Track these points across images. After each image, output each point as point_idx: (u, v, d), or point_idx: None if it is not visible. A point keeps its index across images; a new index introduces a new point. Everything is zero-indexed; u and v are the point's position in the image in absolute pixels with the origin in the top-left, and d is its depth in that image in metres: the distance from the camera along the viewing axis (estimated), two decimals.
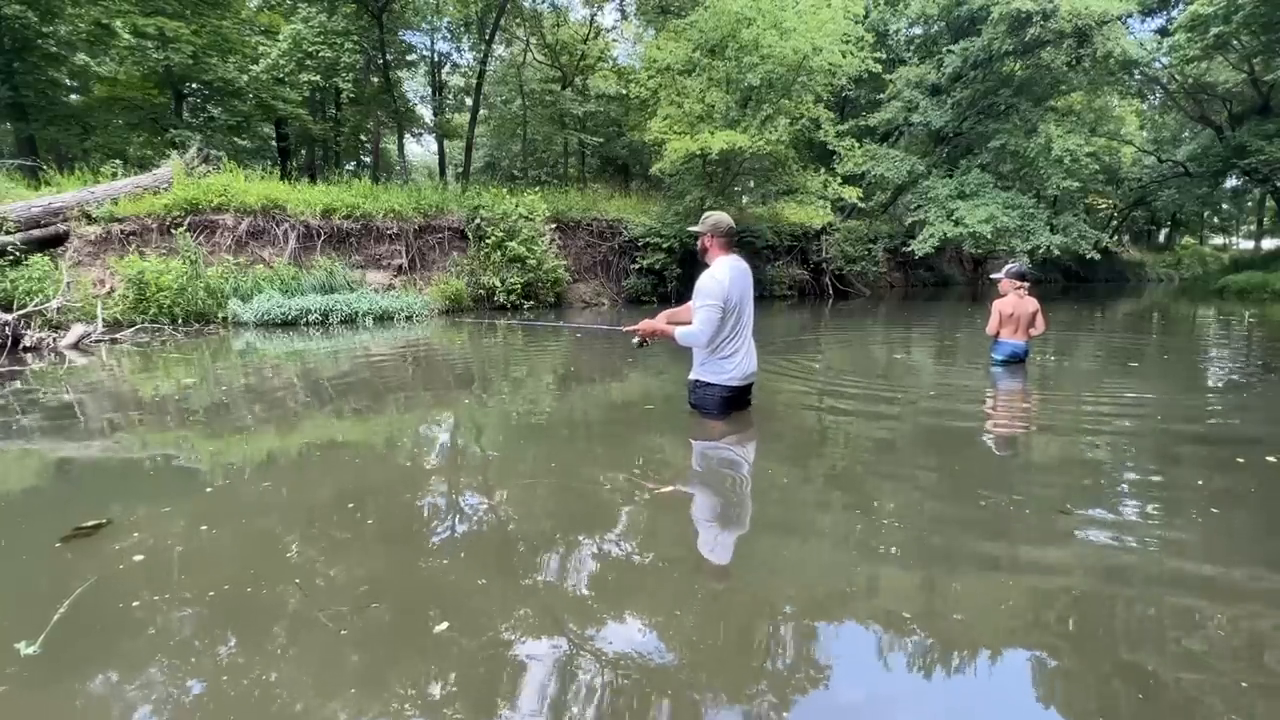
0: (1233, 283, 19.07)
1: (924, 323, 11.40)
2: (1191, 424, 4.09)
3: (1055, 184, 16.00)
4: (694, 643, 1.77)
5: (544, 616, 1.89)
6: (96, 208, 9.81)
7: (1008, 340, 5.66)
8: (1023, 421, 4.30)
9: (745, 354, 3.71)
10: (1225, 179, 23.39)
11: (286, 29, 14.88)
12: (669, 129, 13.62)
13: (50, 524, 2.53)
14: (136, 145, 16.38)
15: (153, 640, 1.78)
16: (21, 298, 7.97)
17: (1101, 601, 1.95)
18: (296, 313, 9.61)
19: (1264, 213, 38.84)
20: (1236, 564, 2.20)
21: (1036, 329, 5.64)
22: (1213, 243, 44.82)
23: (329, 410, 4.60)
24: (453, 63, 22.06)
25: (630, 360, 6.23)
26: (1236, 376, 6.03)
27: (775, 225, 16.60)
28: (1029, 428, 4.13)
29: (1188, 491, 2.87)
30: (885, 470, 3.23)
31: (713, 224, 3.65)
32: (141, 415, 4.44)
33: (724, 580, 2.15)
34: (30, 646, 1.73)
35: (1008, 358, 5.69)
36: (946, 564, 2.22)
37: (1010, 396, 4.99)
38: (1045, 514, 2.62)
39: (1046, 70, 16.38)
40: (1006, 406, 4.73)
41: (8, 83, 14.43)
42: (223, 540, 2.41)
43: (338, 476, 3.12)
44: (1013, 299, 5.58)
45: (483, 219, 12.41)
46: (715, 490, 2.98)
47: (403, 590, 2.06)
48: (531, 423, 4.25)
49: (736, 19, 12.68)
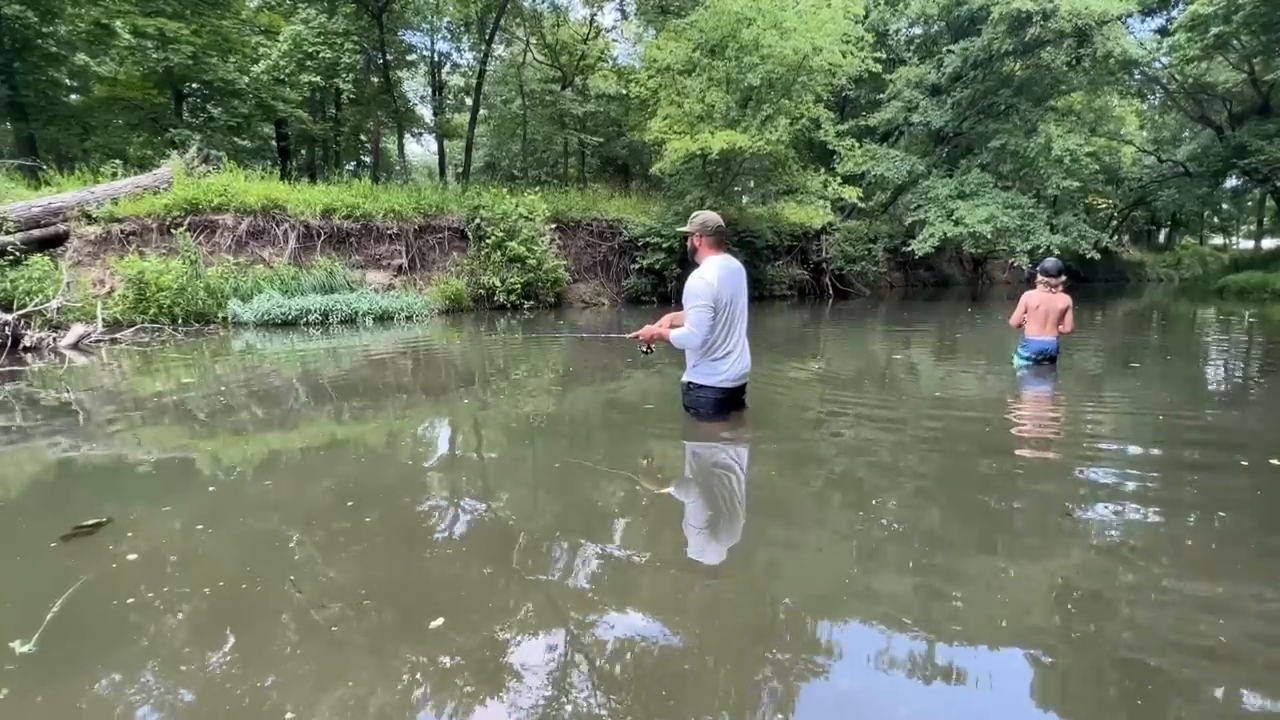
0: (1233, 283, 19.06)
1: (924, 322, 11.40)
2: (1193, 425, 4.09)
3: (1055, 184, 16.00)
4: (692, 643, 1.77)
5: (542, 615, 1.89)
6: (96, 208, 9.81)
7: (1035, 337, 5.42)
8: (1024, 422, 4.30)
9: (738, 355, 3.68)
10: (1225, 179, 23.35)
11: (286, 29, 14.88)
12: (669, 129, 13.62)
13: (50, 523, 2.53)
14: (136, 145, 16.39)
15: (148, 638, 1.78)
16: (21, 298, 7.97)
17: (1102, 604, 1.95)
18: (296, 313, 9.61)
19: (1264, 213, 38.82)
20: (1239, 567, 2.20)
21: (1065, 327, 5.37)
22: (1213, 243, 44.76)
23: (329, 410, 4.60)
24: (453, 63, 22.08)
25: (629, 360, 6.23)
26: (1237, 377, 6.02)
27: (775, 225, 16.60)
28: (1030, 428, 4.13)
29: (1190, 494, 2.87)
30: (883, 470, 3.23)
31: (701, 223, 3.63)
32: (141, 415, 4.44)
33: (723, 581, 2.15)
34: (25, 645, 1.73)
35: (1036, 355, 5.45)
36: (946, 564, 2.22)
37: (1018, 398, 4.98)
38: (1047, 516, 2.62)
39: (1046, 70, 16.37)
40: (1010, 407, 4.73)
41: (8, 83, 14.44)
42: (222, 539, 2.41)
43: (338, 476, 3.12)
44: (1042, 292, 5.35)
45: (483, 219, 12.41)
46: (713, 491, 2.98)
47: (399, 588, 2.06)
48: (531, 423, 4.25)
49: (736, 19, 12.68)
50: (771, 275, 16.17)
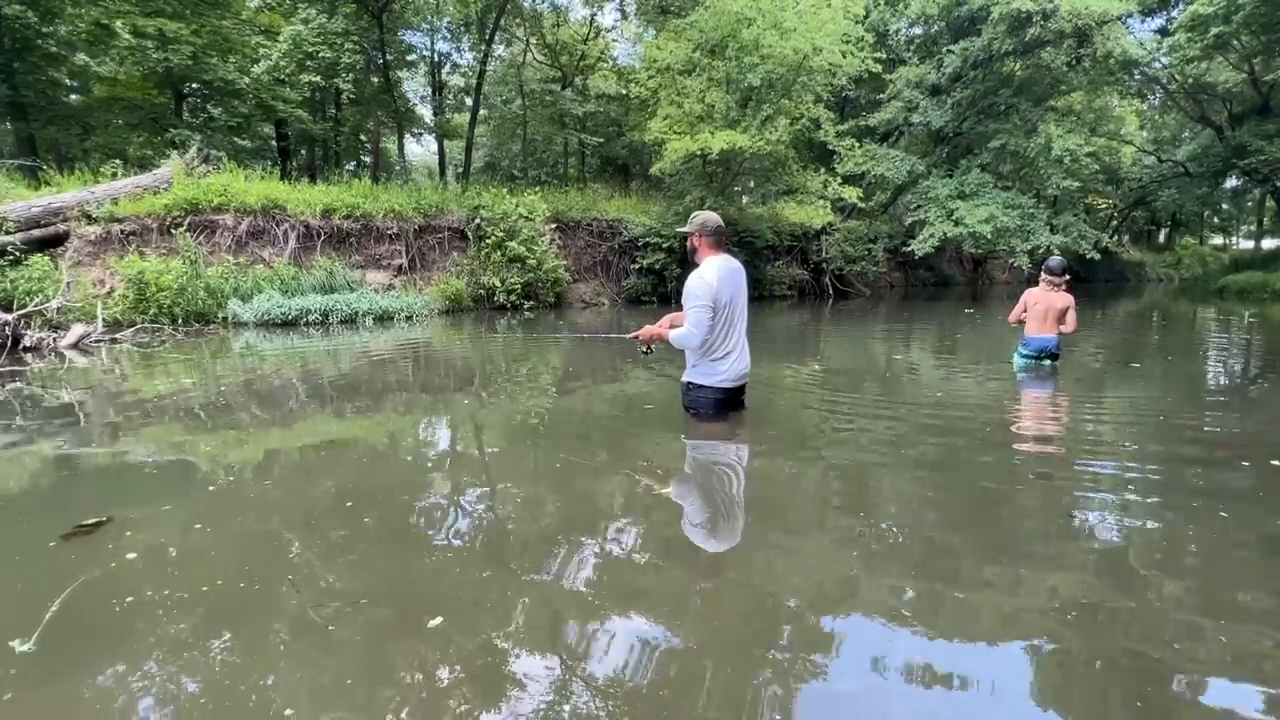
0: (1233, 283, 19.06)
1: (924, 322, 11.40)
2: (1194, 427, 4.08)
3: (1055, 184, 16.01)
4: (691, 644, 1.77)
5: (540, 616, 1.89)
6: (96, 208, 9.81)
7: (1035, 335, 5.42)
8: (1024, 424, 4.30)
9: (738, 355, 3.67)
10: (1225, 179, 23.36)
11: (286, 29, 14.88)
12: (669, 129, 13.62)
13: (51, 522, 2.53)
14: (136, 145, 16.38)
15: (147, 637, 1.78)
16: (21, 298, 7.97)
17: (1103, 608, 1.95)
18: (296, 313, 9.61)
19: (1264, 213, 38.81)
20: (1241, 570, 2.20)
21: (1067, 326, 5.35)
22: (1213, 243, 44.75)
23: (329, 410, 4.60)
24: (453, 63, 22.07)
25: (629, 361, 6.23)
26: (1238, 377, 6.02)
27: (775, 225, 16.59)
28: (1030, 430, 4.13)
29: (1192, 496, 2.86)
30: (883, 471, 3.23)
31: (700, 223, 3.62)
32: (142, 415, 4.45)
33: (722, 581, 2.15)
34: (25, 644, 1.73)
35: (1036, 353, 5.45)
36: (946, 565, 2.22)
37: (1018, 399, 4.98)
38: (1049, 518, 2.62)
39: (1046, 70, 16.38)
40: (1010, 408, 4.73)
41: (8, 82, 14.43)
42: (222, 538, 2.42)
43: (337, 476, 3.12)
44: (1043, 290, 5.36)
45: (483, 219, 12.41)
46: (713, 491, 2.98)
47: (398, 588, 2.06)
48: (531, 423, 4.25)
49: (736, 19, 12.68)
50: (771, 275, 16.17)
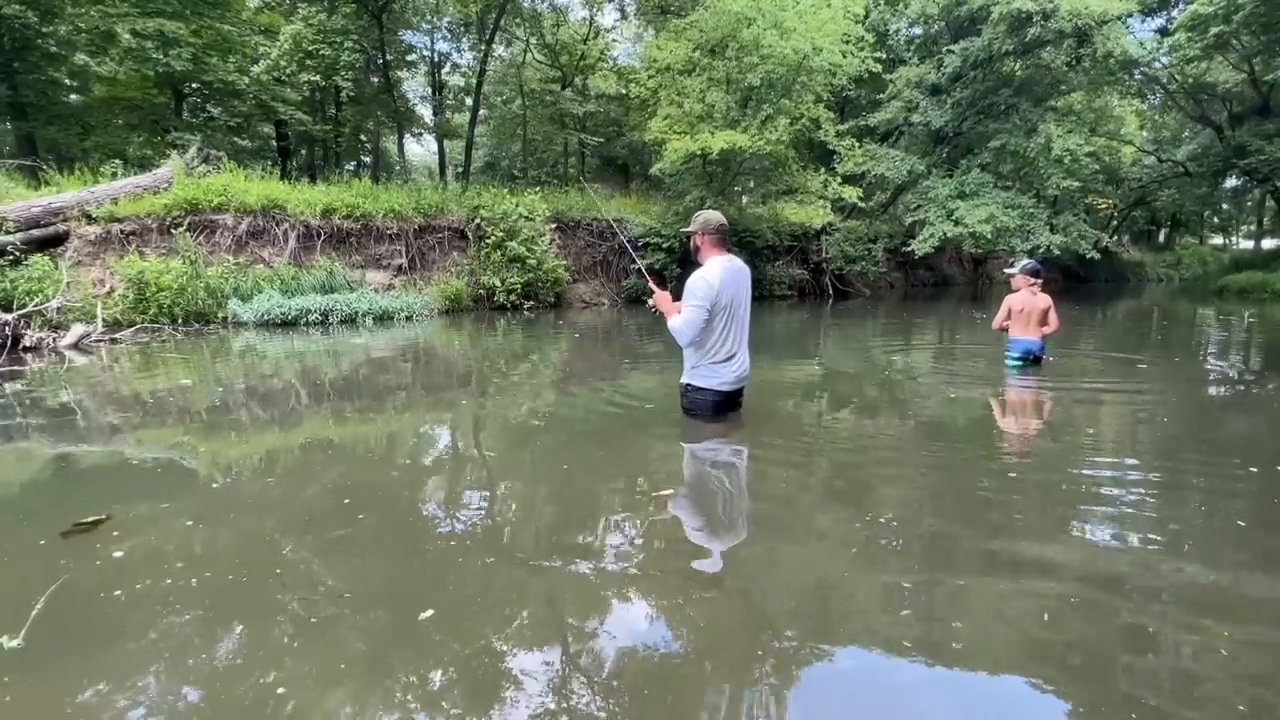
0: (1233, 283, 19.06)
1: (924, 323, 11.40)
2: (1195, 428, 4.08)
3: (1055, 184, 15.98)
4: (689, 647, 1.77)
5: (539, 616, 1.89)
6: (96, 208, 9.80)
7: (1020, 338, 5.58)
8: (1025, 424, 4.30)
9: (739, 357, 3.65)
10: (1225, 179, 23.35)
11: (286, 29, 14.88)
12: (669, 129, 13.62)
13: (50, 520, 2.53)
14: (136, 145, 16.35)
15: (140, 633, 1.78)
16: (21, 298, 7.96)
17: (1103, 611, 1.94)
18: (296, 313, 9.61)
19: (1264, 213, 38.78)
20: (1243, 574, 2.19)
21: (1049, 326, 5.51)
22: (1213, 243, 44.74)
23: (328, 410, 4.60)
24: (453, 63, 22.08)
25: (629, 361, 6.23)
26: (1239, 378, 6.02)
27: (775, 225, 16.58)
28: (1030, 432, 4.12)
29: (1193, 498, 2.86)
30: (883, 472, 3.23)
31: (703, 222, 3.61)
32: (142, 414, 4.45)
33: (721, 584, 2.15)
34: (13, 640, 1.74)
35: (1022, 356, 5.59)
36: (945, 567, 2.22)
37: (1017, 399, 4.98)
38: (1048, 521, 2.62)
39: (1046, 70, 16.36)
40: (1011, 408, 4.73)
41: (8, 82, 14.43)
42: (220, 536, 2.42)
43: (336, 475, 3.12)
44: (1024, 294, 5.49)
45: (483, 219, 12.41)
46: (715, 493, 2.98)
47: (396, 588, 2.06)
48: (531, 423, 4.24)
49: (737, 19, 12.67)
50: (771, 275, 16.16)
